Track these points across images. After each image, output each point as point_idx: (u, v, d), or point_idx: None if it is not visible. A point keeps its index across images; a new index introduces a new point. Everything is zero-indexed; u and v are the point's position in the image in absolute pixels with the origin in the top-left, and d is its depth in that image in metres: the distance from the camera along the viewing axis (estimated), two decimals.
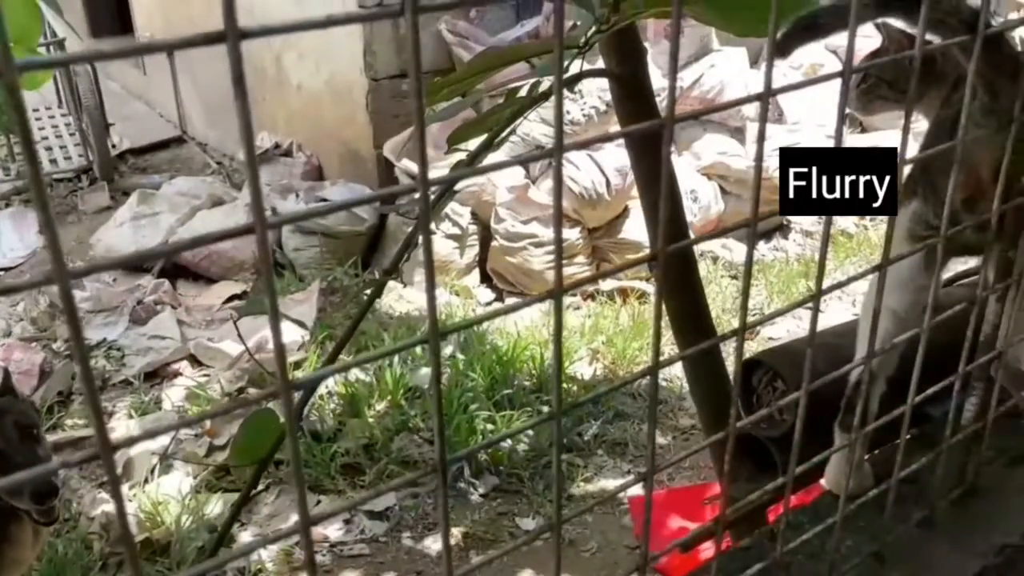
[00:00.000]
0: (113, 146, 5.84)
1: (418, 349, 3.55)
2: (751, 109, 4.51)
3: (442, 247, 4.11)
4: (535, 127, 4.14)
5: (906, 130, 0.71)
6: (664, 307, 1.65)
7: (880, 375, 0.97)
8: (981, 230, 0.84)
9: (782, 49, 0.88)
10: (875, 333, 0.81)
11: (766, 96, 0.58)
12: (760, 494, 0.79)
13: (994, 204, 0.79)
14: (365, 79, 4.18)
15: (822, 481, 1.10)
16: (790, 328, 3.76)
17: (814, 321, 0.70)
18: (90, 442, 3.16)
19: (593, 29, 1.20)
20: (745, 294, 0.64)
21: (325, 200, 4.27)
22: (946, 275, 1.42)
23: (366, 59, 4.13)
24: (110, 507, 2.77)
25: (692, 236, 4.36)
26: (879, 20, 1.01)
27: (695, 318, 1.62)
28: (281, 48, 4.73)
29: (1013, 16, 5.75)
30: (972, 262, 1.22)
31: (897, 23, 1.01)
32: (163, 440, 3.12)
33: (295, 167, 4.59)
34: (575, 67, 1.34)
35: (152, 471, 2.93)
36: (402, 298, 4.08)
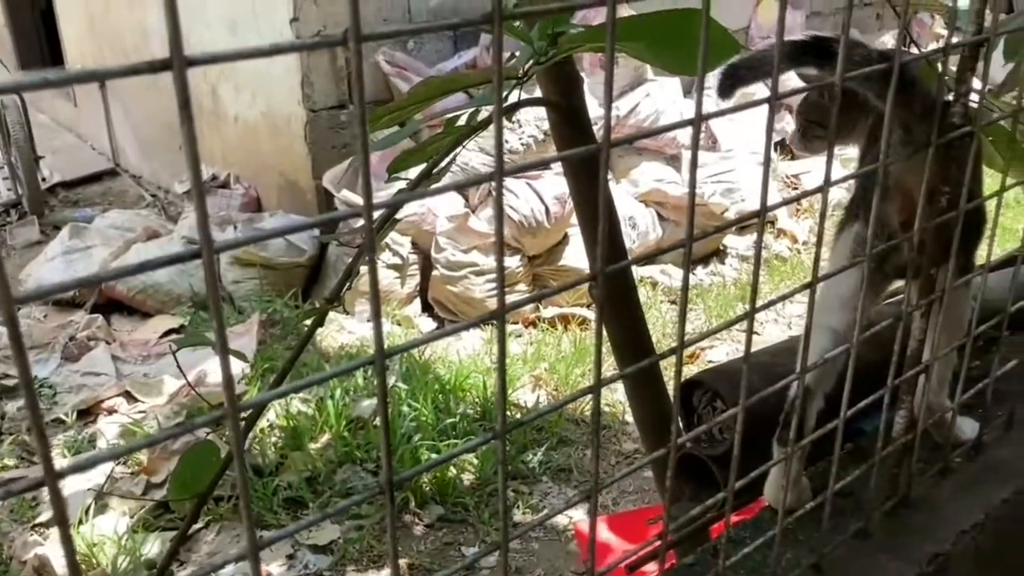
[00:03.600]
0: (43, 179, 5.71)
1: (360, 380, 3.52)
2: (686, 137, 4.61)
3: (383, 277, 4.10)
4: (474, 156, 4.17)
5: (829, 160, 0.75)
6: (605, 331, 1.67)
7: (818, 391, 1.00)
8: (919, 252, 0.88)
9: (723, 92, 0.92)
10: (807, 351, 0.83)
11: (697, 122, 0.61)
12: (700, 510, 0.80)
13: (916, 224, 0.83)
14: (303, 110, 4.16)
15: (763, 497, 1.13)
16: (730, 352, 3.83)
17: (748, 338, 0.73)
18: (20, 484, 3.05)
19: (531, 61, 1.22)
20: (683, 314, 0.66)
21: (263, 231, 4.23)
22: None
23: (304, 90, 4.12)
24: (43, 550, 2.68)
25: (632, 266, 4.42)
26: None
27: (635, 341, 1.65)
28: (217, 79, 4.70)
29: (933, 46, 5.99)
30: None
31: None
32: (97, 478, 3.04)
33: (233, 199, 4.54)
34: (513, 96, 1.36)
35: (86, 511, 2.85)
36: (343, 329, 4.05)
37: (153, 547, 2.72)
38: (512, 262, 4.11)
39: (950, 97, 0.83)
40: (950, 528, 0.98)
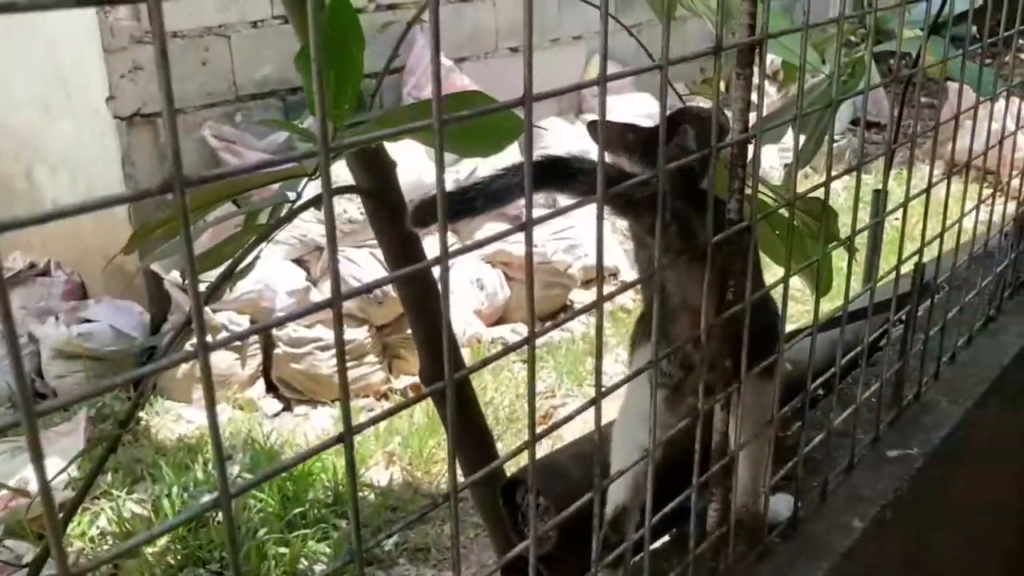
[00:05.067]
0: None
1: (200, 474, 3.33)
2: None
3: (221, 360, 3.91)
4: (312, 227, 4.08)
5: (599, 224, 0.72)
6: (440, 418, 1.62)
7: (633, 507, 0.98)
8: (712, 369, 0.87)
9: (414, 222, 0.89)
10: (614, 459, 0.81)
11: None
12: None
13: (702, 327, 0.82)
14: (126, 191, 3.96)
15: None
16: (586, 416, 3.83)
17: (531, 459, 0.69)
18: None
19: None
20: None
21: (89, 320, 3.97)
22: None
23: (125, 170, 3.92)
24: None
25: (482, 327, 4.40)
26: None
27: (472, 432, 1.62)
28: (31, 160, 4.42)
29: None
30: None
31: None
32: None
33: (54, 287, 4.25)
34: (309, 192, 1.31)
35: None
36: (181, 418, 3.83)
37: None
38: (359, 334, 4.01)
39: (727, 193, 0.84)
40: None
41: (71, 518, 1.35)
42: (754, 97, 0.85)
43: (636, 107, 5.48)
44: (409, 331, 4.27)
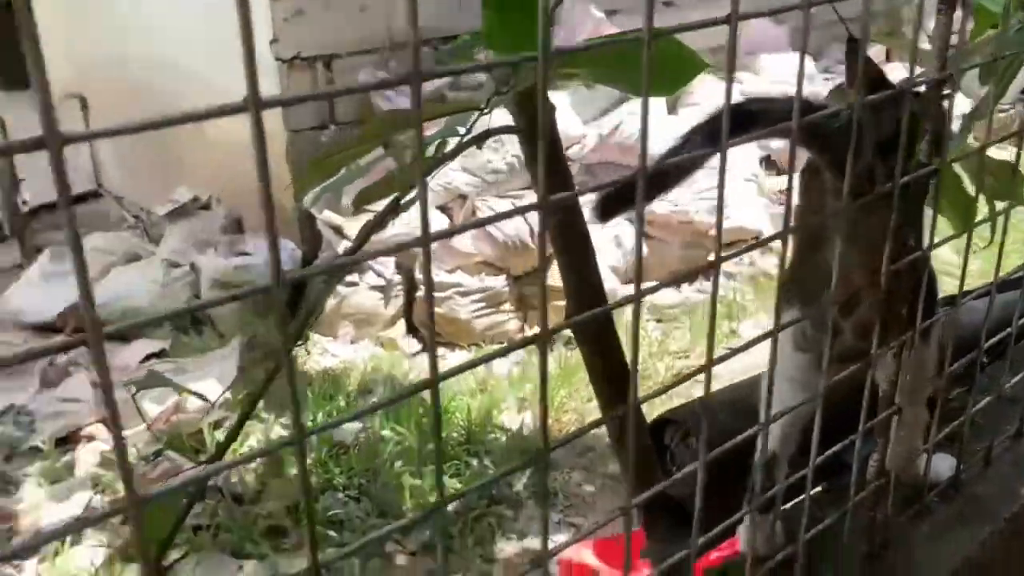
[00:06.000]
0: (24, 202, 5.65)
1: (343, 403, 3.49)
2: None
3: (367, 299, 4.07)
4: (457, 176, 4.15)
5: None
6: (584, 362, 1.64)
7: (783, 456, 0.98)
8: (862, 337, 0.85)
9: (601, 215, 0.88)
10: (769, 407, 0.81)
11: (642, 170, 0.58)
12: (674, 561, 0.77)
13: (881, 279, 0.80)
14: (284, 131, 4.14)
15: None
16: (718, 371, 3.79)
17: (707, 388, 0.70)
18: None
19: (493, 91, 1.20)
20: (636, 360, 0.63)
21: (246, 253, 4.19)
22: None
23: (285, 110, 4.09)
24: None
25: (618, 283, 4.39)
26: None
27: (613, 371, 1.63)
28: (197, 101, 4.65)
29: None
30: None
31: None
32: (75, 508, 2.99)
33: (214, 220, 4.50)
34: (483, 124, 1.34)
35: (63, 543, 2.80)
36: (327, 352, 4.01)
37: None
38: (497, 283, 4.08)
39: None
40: (927, 570, 0.95)
41: (234, 439, 1.45)
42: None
43: (787, 71, 5.29)
44: (548, 281, 4.32)
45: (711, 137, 0.85)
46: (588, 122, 4.51)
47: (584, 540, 2.48)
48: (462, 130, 1.33)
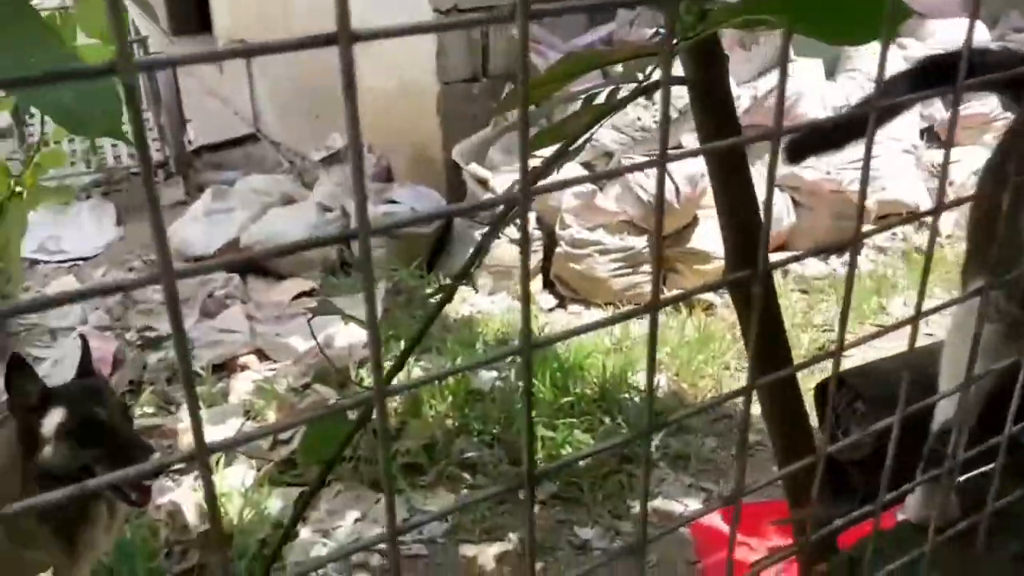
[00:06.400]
0: (189, 142, 5.98)
1: (481, 351, 3.56)
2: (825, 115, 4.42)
3: (506, 253, 4.11)
4: (604, 133, 4.12)
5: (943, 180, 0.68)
6: (738, 321, 1.62)
7: (961, 428, 0.94)
8: None
9: (792, 157, 0.85)
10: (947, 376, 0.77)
11: (777, 136, 0.56)
12: (848, 521, 0.76)
13: None
14: (437, 82, 4.20)
15: (902, 511, 1.07)
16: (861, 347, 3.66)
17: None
18: (160, 431, 3.23)
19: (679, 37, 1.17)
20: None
21: (395, 201, 4.30)
22: None
23: (439, 62, 4.15)
24: (176, 496, 2.83)
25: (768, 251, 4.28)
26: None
27: (771, 335, 1.59)
28: (354, 51, 4.79)
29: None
30: None
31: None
32: (228, 432, 3.18)
33: (365, 168, 4.63)
34: (653, 75, 1.32)
35: (217, 462, 2.98)
36: (465, 301, 4.09)
37: (277, 502, 2.82)
38: (638, 243, 4.05)
39: None
40: None
41: (396, 374, 1.50)
42: None
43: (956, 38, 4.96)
44: (688, 244, 4.23)
45: (920, 83, 0.81)
46: (742, 83, 4.38)
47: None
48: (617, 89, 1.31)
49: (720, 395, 0.63)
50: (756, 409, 3.30)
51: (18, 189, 1.32)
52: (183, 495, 2.82)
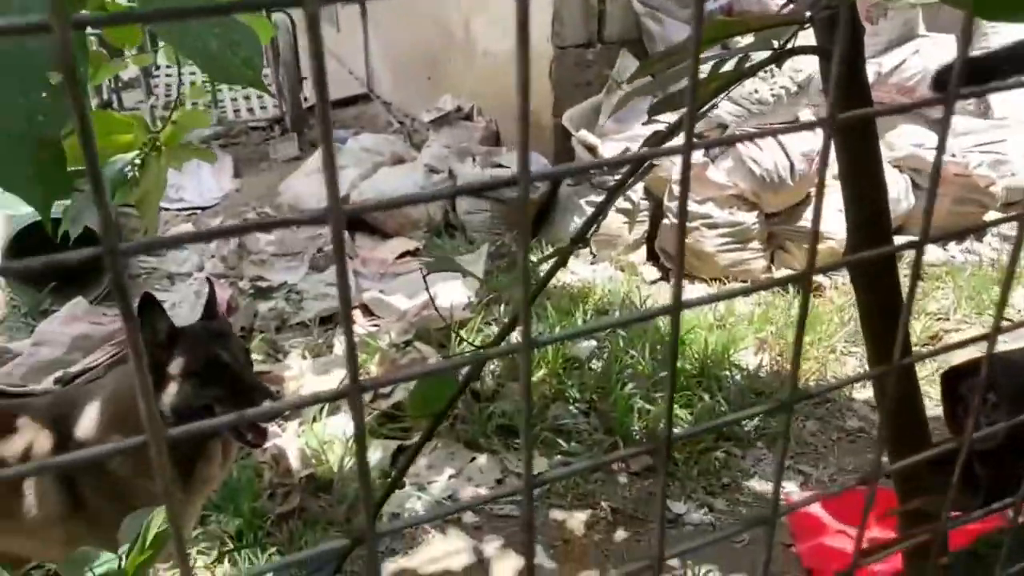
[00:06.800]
0: (305, 99, 6.12)
1: (580, 320, 3.55)
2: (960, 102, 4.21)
3: (611, 221, 4.08)
4: (720, 104, 4.02)
5: None
6: (858, 304, 1.56)
7: None
8: None
9: (936, 86, 0.80)
10: None
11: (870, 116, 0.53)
12: (984, 514, 0.73)
13: None
14: (551, 47, 4.17)
15: None
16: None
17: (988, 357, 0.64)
18: (268, 378, 3.35)
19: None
20: (1004, 295, 0.59)
21: (501, 165, 4.32)
22: None
23: (554, 27, 4.12)
24: (280, 441, 2.93)
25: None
26: None
27: (890, 317, 1.53)
28: (470, 12, 4.80)
29: None
30: None
31: None
32: (332, 383, 3.27)
33: (474, 131, 4.66)
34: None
35: (321, 410, 3.07)
36: (567, 269, 4.08)
37: (376, 453, 2.89)
38: (747, 218, 3.96)
39: None
40: None
41: (507, 335, 1.51)
42: None
43: None
44: (799, 223, 4.11)
45: None
46: (868, 59, 4.21)
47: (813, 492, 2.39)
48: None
49: (865, 372, 0.61)
50: (858, 394, 3.22)
51: (157, 144, 1.37)
52: (287, 440, 2.92)
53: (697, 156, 4.00)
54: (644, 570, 0.57)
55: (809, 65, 3.96)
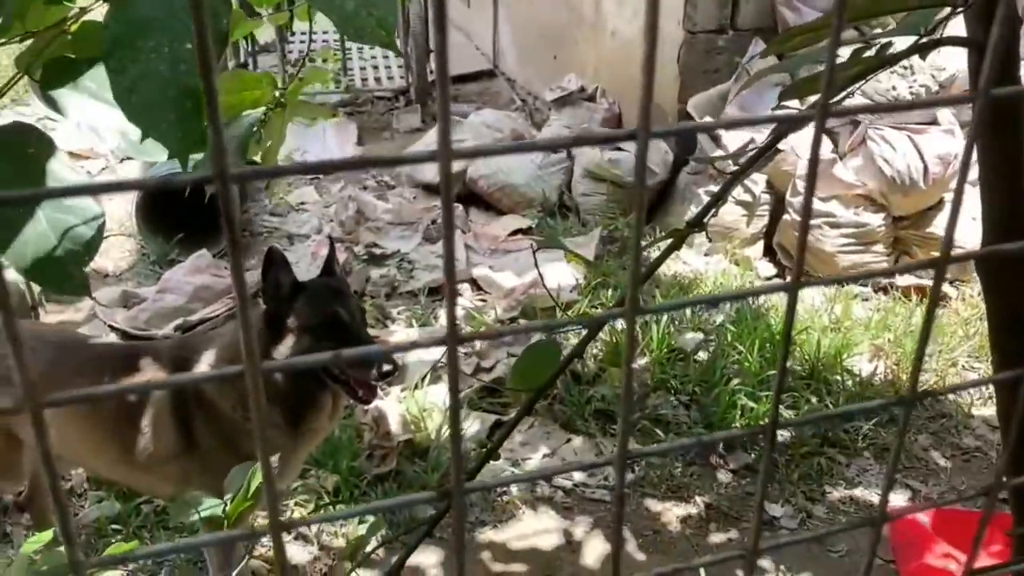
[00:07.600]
0: (430, 71, 6.19)
1: (688, 312, 3.49)
2: None
3: (728, 213, 3.99)
4: (852, 100, 3.86)
5: None
6: (985, 308, 1.48)
7: None
8: None
9: None
10: None
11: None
12: None
13: None
14: (681, 31, 4.09)
15: None
16: None
17: None
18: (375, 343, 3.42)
19: None
20: None
21: (620, 148, 4.27)
22: None
23: (686, 10, 4.03)
24: (382, 404, 2.99)
25: None
26: None
27: (1020, 323, 1.44)
28: None
29: None
30: None
31: None
32: (436, 353, 3.31)
33: (596, 112, 4.62)
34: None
35: (423, 379, 3.12)
36: (678, 258, 4.01)
37: (473, 426, 2.92)
38: (873, 220, 3.80)
39: None
40: None
41: (593, 336, 1.49)
42: None
43: None
44: (929, 228, 3.92)
45: None
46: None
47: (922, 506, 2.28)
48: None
49: (991, 376, 0.57)
50: (977, 411, 3.06)
51: (282, 100, 1.40)
52: (389, 405, 2.98)
53: (825, 152, 3.86)
54: (735, 559, 0.55)
55: (952, 63, 3.75)
